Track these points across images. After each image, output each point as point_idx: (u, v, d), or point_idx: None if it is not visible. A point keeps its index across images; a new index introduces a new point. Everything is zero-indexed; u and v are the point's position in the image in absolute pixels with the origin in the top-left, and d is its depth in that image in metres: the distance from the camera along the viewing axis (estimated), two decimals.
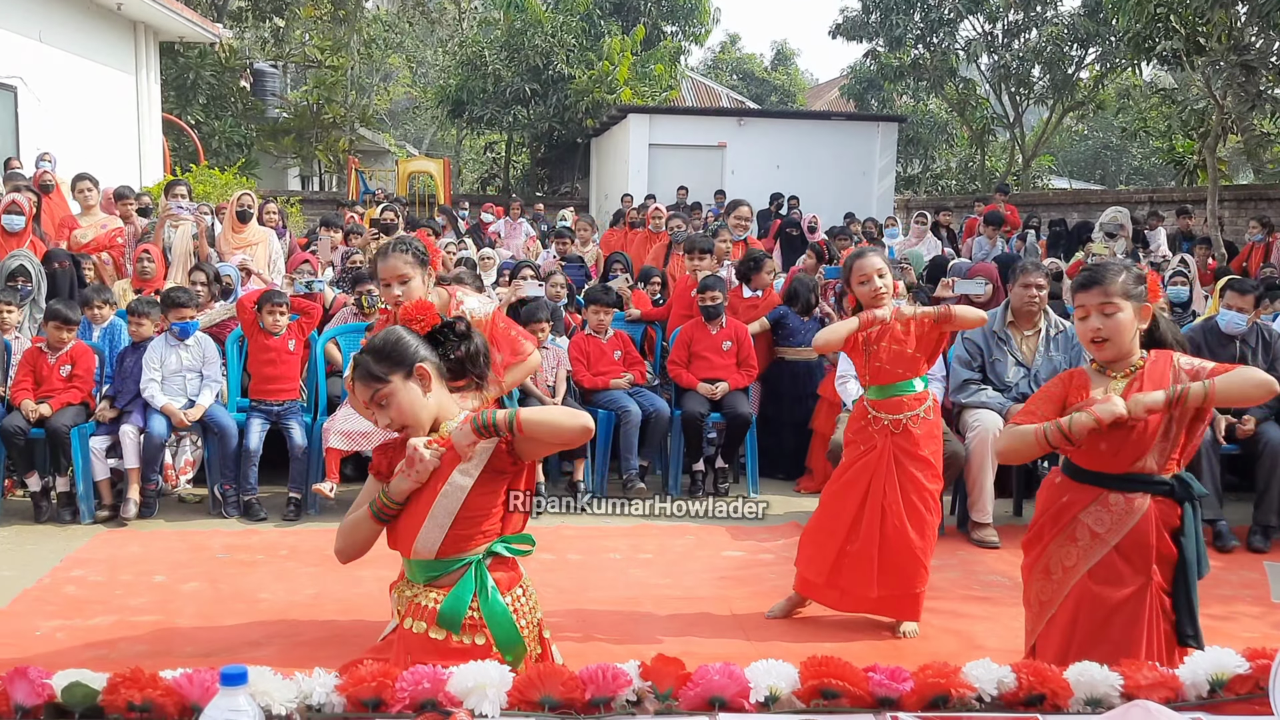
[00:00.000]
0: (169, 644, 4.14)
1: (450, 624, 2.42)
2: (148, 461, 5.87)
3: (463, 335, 2.61)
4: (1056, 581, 2.91)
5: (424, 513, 2.44)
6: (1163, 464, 2.81)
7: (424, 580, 2.49)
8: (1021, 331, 5.87)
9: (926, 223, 12.43)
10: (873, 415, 4.29)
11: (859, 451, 4.33)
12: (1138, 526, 2.79)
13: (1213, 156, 12.70)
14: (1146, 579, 2.80)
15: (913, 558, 4.23)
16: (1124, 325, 2.81)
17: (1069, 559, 2.87)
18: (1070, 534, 2.87)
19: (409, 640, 2.45)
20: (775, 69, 38.68)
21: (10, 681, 1.75)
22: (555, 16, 21.59)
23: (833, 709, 1.82)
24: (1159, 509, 2.81)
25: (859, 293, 4.25)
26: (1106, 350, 2.83)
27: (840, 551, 4.29)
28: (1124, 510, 2.80)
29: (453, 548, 2.46)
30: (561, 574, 5.01)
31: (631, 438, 6.37)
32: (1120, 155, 31.56)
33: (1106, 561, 2.82)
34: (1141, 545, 2.79)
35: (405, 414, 2.48)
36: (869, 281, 4.20)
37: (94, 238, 8.16)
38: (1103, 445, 2.80)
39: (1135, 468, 2.80)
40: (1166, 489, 2.81)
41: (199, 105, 19.62)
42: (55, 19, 12.77)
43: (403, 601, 2.53)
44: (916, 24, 21.80)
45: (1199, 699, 1.87)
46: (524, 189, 23.86)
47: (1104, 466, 2.83)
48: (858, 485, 4.29)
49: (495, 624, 2.43)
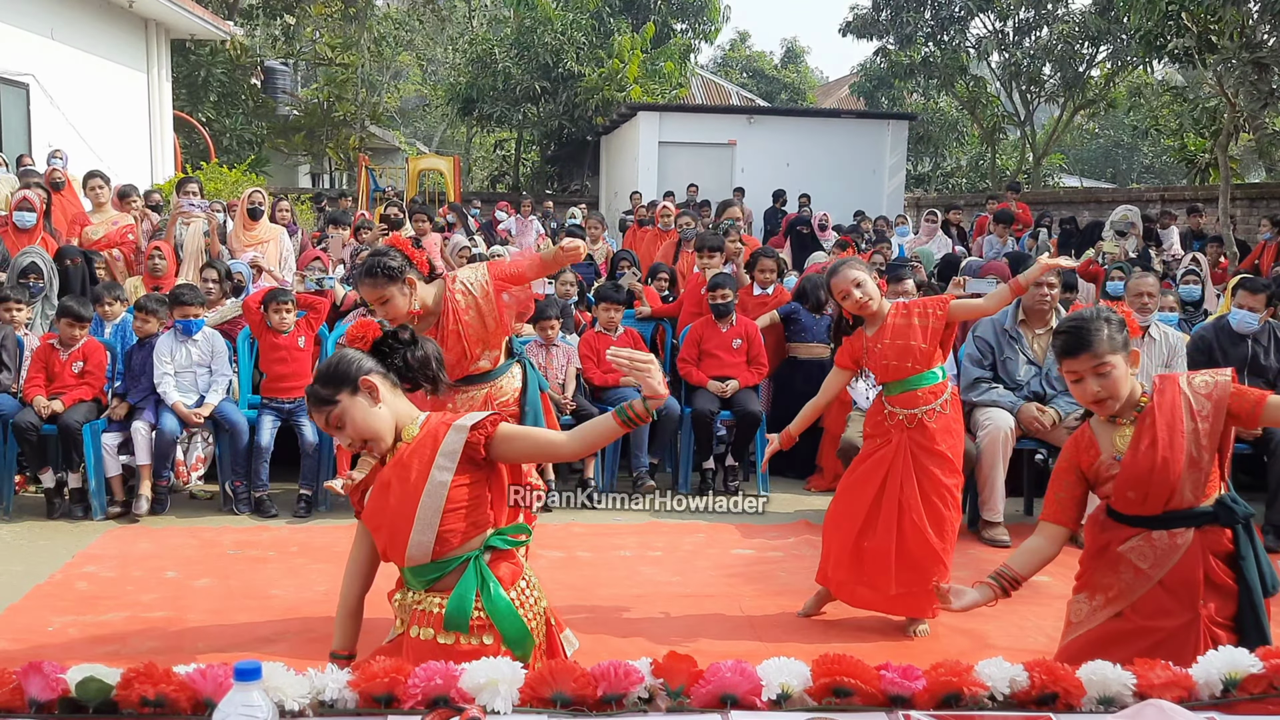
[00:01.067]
0: (180, 640, 4.15)
1: (458, 624, 2.41)
2: (159, 458, 5.89)
3: (408, 343, 2.64)
4: (1095, 607, 2.84)
5: (410, 518, 2.43)
6: (1199, 494, 2.73)
7: (424, 586, 2.49)
8: (1033, 330, 5.85)
9: (937, 221, 12.40)
10: (888, 410, 4.29)
11: (875, 445, 4.33)
12: (1182, 562, 2.71)
13: (1224, 155, 12.64)
14: (1194, 614, 2.70)
15: (931, 554, 4.20)
16: (1120, 380, 2.76)
17: (1110, 590, 2.80)
18: (1113, 566, 2.80)
19: (417, 648, 2.44)
20: (785, 67, 38.58)
21: (25, 676, 1.76)
22: (565, 14, 21.57)
23: (845, 707, 1.81)
24: (1204, 539, 2.72)
25: (845, 306, 4.27)
26: (1109, 407, 2.79)
27: (857, 546, 4.28)
28: (1167, 546, 2.73)
29: (446, 545, 2.45)
30: (571, 571, 5.01)
31: (642, 435, 6.37)
32: (1131, 153, 31.45)
33: (1151, 595, 2.74)
34: (1187, 581, 2.71)
35: (360, 428, 2.49)
36: (849, 295, 4.21)
37: (105, 234, 8.19)
38: (1130, 494, 2.75)
39: (1171, 506, 2.73)
40: (1210, 517, 2.73)
41: (210, 102, 19.66)
42: (67, 16, 12.81)
43: (405, 610, 2.52)
44: (927, 21, 21.73)
45: (1212, 698, 1.87)
46: (534, 186, 23.86)
47: (1140, 511, 2.76)
48: (873, 479, 4.28)
49: (501, 620, 2.43)
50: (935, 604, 4.29)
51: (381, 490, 2.48)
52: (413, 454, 2.47)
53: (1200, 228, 12.14)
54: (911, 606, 4.31)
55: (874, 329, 4.28)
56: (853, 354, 4.33)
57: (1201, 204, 13.14)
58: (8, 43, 11.71)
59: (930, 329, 4.21)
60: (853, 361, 4.35)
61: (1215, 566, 2.73)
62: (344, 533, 5.60)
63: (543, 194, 21.12)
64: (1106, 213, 12.39)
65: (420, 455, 2.45)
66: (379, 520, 2.51)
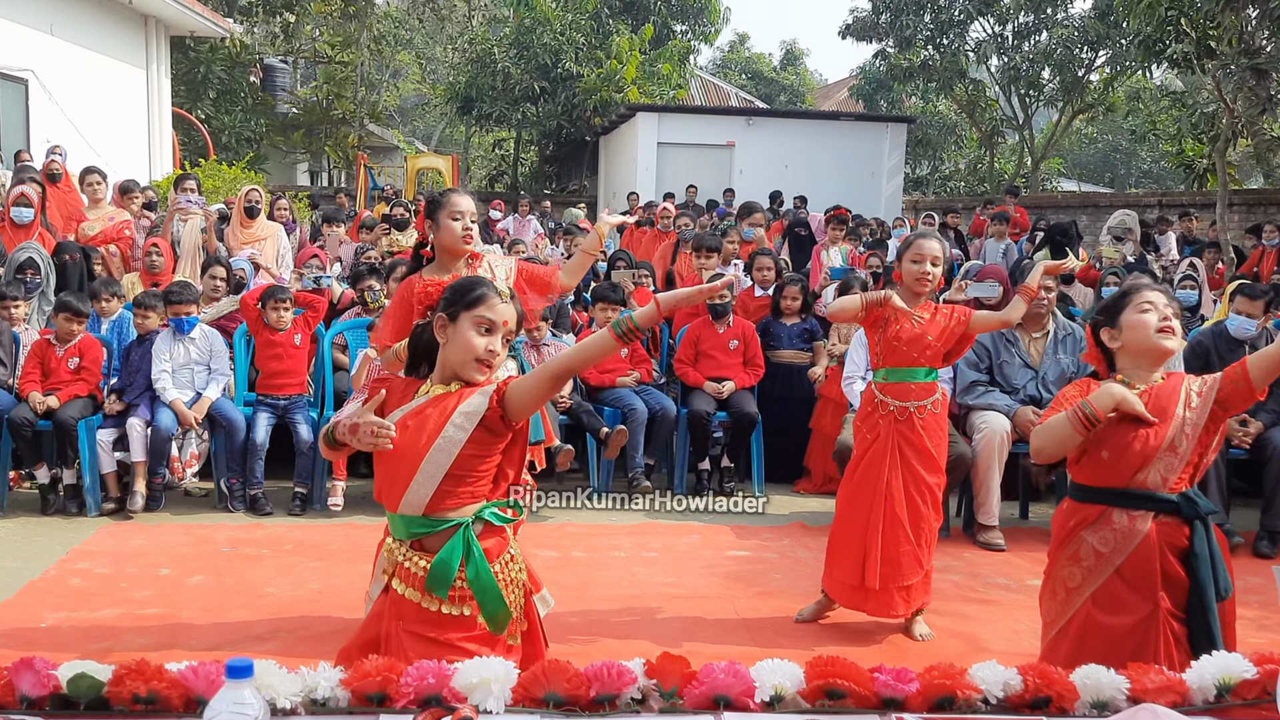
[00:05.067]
0: (173, 637, 4.14)
1: (439, 584, 2.41)
2: (154, 455, 5.88)
3: None
4: (1060, 602, 2.87)
5: (415, 465, 2.43)
6: (1169, 480, 2.75)
7: (409, 536, 2.48)
8: (1030, 333, 5.86)
9: (934, 224, 12.41)
10: (879, 400, 4.26)
11: (866, 442, 4.31)
12: (1139, 549, 2.74)
13: (1222, 160, 12.66)
14: (1153, 605, 2.73)
15: (909, 549, 4.19)
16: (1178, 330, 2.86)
17: (1073, 579, 2.83)
18: (1074, 554, 2.83)
19: (400, 606, 2.45)
20: (784, 69, 38.61)
21: (16, 672, 1.75)
22: (564, 15, 21.58)
23: (838, 709, 1.81)
24: (1161, 530, 2.74)
25: (907, 270, 4.21)
26: (1173, 341, 2.83)
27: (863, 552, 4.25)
28: (1127, 529, 2.75)
29: (440, 503, 2.44)
30: (566, 572, 5.00)
31: (637, 436, 6.37)
32: (1130, 158, 31.49)
33: (1109, 588, 2.77)
34: (1145, 570, 2.74)
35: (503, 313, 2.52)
36: (921, 262, 4.16)
37: (101, 230, 8.18)
38: (1104, 453, 2.77)
39: (1136, 481, 2.75)
40: (1171, 507, 2.75)
41: (209, 100, 19.66)
42: (66, 12, 12.81)
43: (390, 561, 2.52)
44: (926, 25, 21.74)
45: (1206, 704, 1.86)
46: (532, 186, 23.86)
47: (1104, 480, 2.79)
48: (867, 484, 4.26)
49: (483, 593, 2.42)
50: (907, 605, 4.28)
51: (400, 429, 2.48)
52: (437, 404, 2.47)
53: (1193, 232, 12.14)
54: (883, 605, 4.27)
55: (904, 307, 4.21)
56: (878, 313, 4.21)
57: (1198, 209, 13.15)
58: (7, 38, 11.70)
59: (949, 331, 4.19)
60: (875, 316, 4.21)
61: (1171, 561, 2.75)
62: (338, 531, 5.63)
63: (541, 194, 21.12)
64: (1104, 217, 12.41)
65: (441, 407, 2.45)
66: (385, 459, 2.49)
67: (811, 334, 7.03)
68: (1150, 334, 2.82)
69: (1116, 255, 9.33)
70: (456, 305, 2.49)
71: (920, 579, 4.27)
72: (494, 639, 2.44)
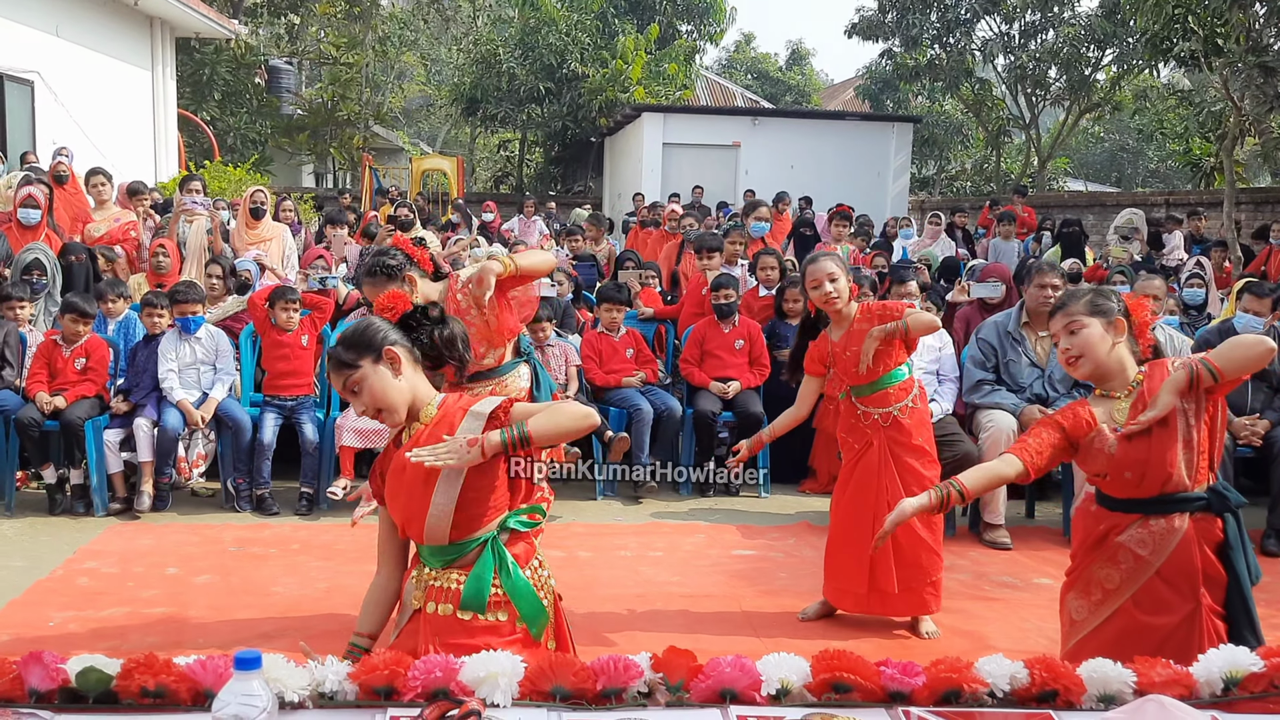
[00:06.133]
0: (180, 635, 4.15)
1: (475, 606, 2.42)
2: (161, 455, 5.89)
3: (436, 320, 2.63)
4: (1095, 602, 2.83)
5: (426, 500, 2.44)
6: (1193, 476, 2.73)
7: (442, 564, 2.49)
8: (1036, 332, 5.85)
9: (941, 223, 12.39)
10: (862, 412, 4.28)
11: (854, 451, 4.32)
12: (1179, 548, 2.72)
13: (1230, 159, 12.64)
14: (1195, 604, 2.71)
15: (925, 547, 4.22)
16: (1092, 340, 2.80)
17: (1111, 581, 2.80)
18: (1112, 557, 2.79)
19: (435, 623, 2.46)
20: (790, 69, 38.59)
21: (25, 666, 1.76)
22: (569, 15, 21.59)
23: (844, 703, 1.81)
24: (1198, 527, 2.73)
25: (812, 296, 4.25)
26: (1082, 367, 2.82)
27: (864, 558, 4.25)
28: (1165, 530, 2.73)
29: (465, 529, 2.46)
30: (571, 571, 5.00)
31: (643, 436, 6.37)
32: (1137, 157, 31.41)
33: (1150, 588, 2.74)
34: (1186, 568, 2.72)
35: (377, 397, 2.49)
36: (820, 286, 4.19)
37: (107, 231, 8.20)
38: (1127, 474, 2.74)
39: (1167, 489, 2.73)
40: (1203, 504, 2.74)
41: (214, 101, 19.69)
42: (72, 14, 12.83)
43: (420, 587, 2.52)
44: (933, 24, 21.73)
45: (1213, 697, 1.86)
46: (537, 187, 23.89)
47: (1135, 494, 2.76)
48: (867, 490, 4.27)
49: (519, 599, 2.44)
50: (938, 600, 4.31)
51: (398, 473, 2.49)
52: (428, 438, 2.46)
53: (1201, 231, 12.12)
54: (914, 604, 4.30)
55: (840, 332, 4.26)
56: (820, 358, 4.32)
57: (1206, 208, 13.11)
58: (13, 40, 11.73)
59: (883, 331, 4.16)
60: (822, 365, 4.33)
61: (1210, 557, 2.74)
62: (345, 531, 5.61)
63: (546, 195, 21.13)
64: (1111, 216, 12.39)
65: (435, 440, 2.45)
66: (396, 503, 2.51)
67: None
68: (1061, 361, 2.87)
69: (1124, 254, 9.33)
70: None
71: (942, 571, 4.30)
72: (531, 644, 2.46)
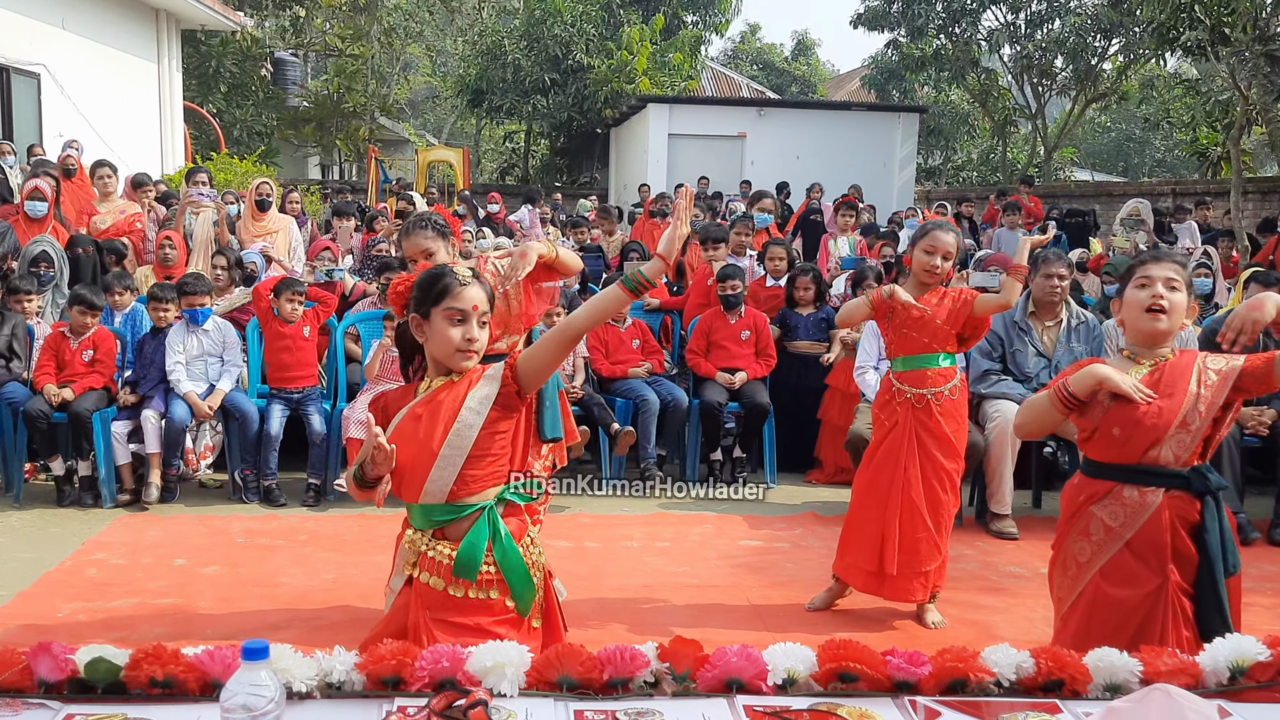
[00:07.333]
0: (188, 627, 4.17)
1: (467, 571, 2.43)
2: (169, 446, 5.91)
3: None
4: (1071, 577, 2.86)
5: (434, 453, 2.45)
6: (1182, 457, 2.72)
7: (432, 525, 2.50)
8: (1043, 322, 5.84)
9: (947, 213, 12.38)
10: (897, 388, 4.26)
11: (884, 429, 4.31)
12: (1150, 522, 2.72)
13: (1237, 148, 12.59)
14: (1163, 579, 2.71)
15: (927, 536, 4.20)
16: (1179, 306, 2.79)
17: (1083, 554, 2.82)
18: (1084, 528, 2.82)
19: (426, 594, 2.47)
20: (796, 59, 38.46)
21: (34, 656, 1.76)
22: (575, 6, 21.55)
23: (850, 692, 1.81)
24: (1173, 504, 2.72)
25: (918, 259, 4.22)
26: (1162, 322, 2.77)
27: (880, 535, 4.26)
28: (1137, 504, 2.73)
29: (463, 489, 2.47)
30: (578, 562, 5.02)
31: (649, 426, 6.37)
32: (1143, 147, 31.33)
33: (1118, 561, 2.75)
34: (1155, 543, 2.71)
35: None
36: (933, 254, 4.16)
37: (113, 223, 8.21)
38: (1115, 430, 2.74)
39: (1148, 458, 2.72)
40: (1182, 482, 2.72)
41: (220, 93, 19.71)
42: (78, 6, 12.84)
43: (413, 552, 2.53)
44: (938, 14, 21.66)
45: (1219, 686, 1.86)
46: (543, 179, 23.85)
47: (1116, 457, 2.76)
48: (885, 470, 4.26)
49: (510, 571, 2.45)
50: (925, 591, 4.29)
51: (411, 421, 2.49)
52: (448, 390, 2.49)
53: (1208, 221, 12.08)
54: (901, 590, 4.28)
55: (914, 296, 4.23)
56: (885, 305, 4.25)
57: (1208, 197, 13.06)
58: (19, 32, 11.74)
59: (955, 313, 4.18)
60: (883, 308, 4.25)
61: (1182, 536, 2.73)
62: (353, 522, 5.65)
63: (552, 186, 21.11)
64: (1117, 206, 12.35)
65: (453, 394, 2.48)
66: (402, 450, 2.50)
67: (829, 323, 7.00)
68: (1139, 313, 2.80)
69: (1129, 244, 9.29)
70: (425, 303, 2.52)
71: (938, 565, 4.28)
72: (519, 621, 2.47)
